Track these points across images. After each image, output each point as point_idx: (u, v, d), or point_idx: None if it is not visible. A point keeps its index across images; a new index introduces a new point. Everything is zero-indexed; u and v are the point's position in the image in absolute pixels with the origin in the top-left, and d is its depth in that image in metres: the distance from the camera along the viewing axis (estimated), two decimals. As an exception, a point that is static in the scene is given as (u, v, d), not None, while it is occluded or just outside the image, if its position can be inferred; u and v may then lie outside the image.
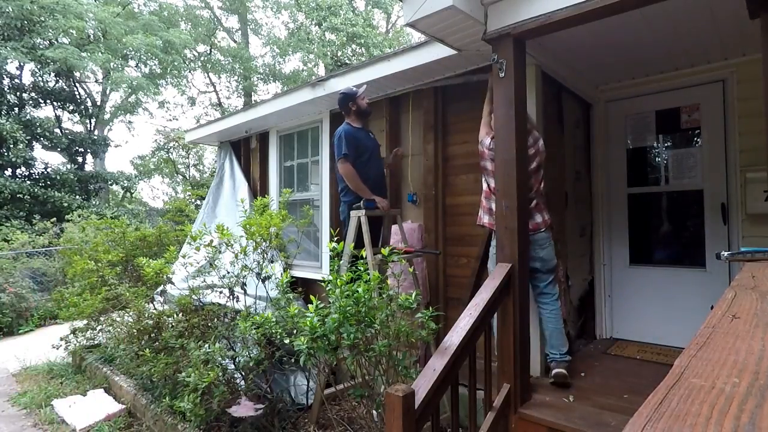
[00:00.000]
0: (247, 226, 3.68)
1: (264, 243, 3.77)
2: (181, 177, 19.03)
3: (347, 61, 18.21)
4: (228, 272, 3.60)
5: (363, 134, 3.54)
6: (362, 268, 2.58)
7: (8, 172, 12.95)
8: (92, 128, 16.33)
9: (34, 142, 13.82)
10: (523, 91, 2.56)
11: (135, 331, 3.95)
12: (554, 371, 2.79)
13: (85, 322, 4.83)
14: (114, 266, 4.71)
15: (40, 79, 14.48)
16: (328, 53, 18.36)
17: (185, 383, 2.98)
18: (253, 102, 17.97)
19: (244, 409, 2.95)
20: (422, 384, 1.82)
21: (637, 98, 3.90)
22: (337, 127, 3.37)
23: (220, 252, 3.70)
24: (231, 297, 3.58)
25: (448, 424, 2.50)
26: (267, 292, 3.71)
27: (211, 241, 3.65)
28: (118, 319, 4.42)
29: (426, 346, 3.27)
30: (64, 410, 4.00)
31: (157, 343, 3.71)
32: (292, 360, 3.07)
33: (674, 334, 3.63)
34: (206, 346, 3.11)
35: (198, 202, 11.52)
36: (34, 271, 8.64)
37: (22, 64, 13.61)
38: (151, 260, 3.72)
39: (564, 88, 3.60)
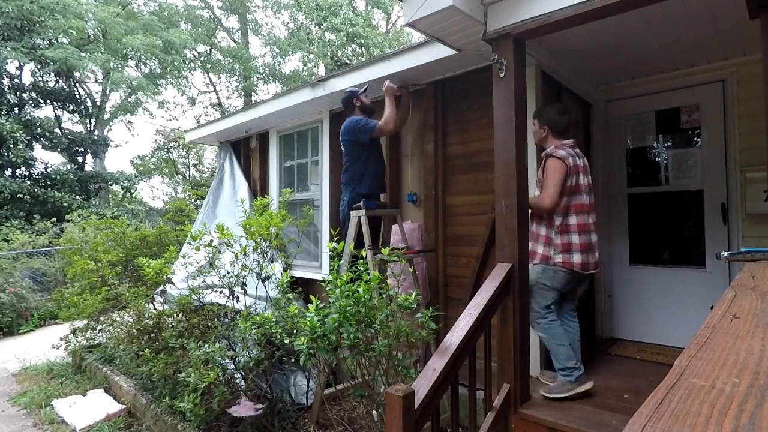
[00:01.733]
0: (247, 226, 3.68)
1: (264, 243, 3.77)
2: (181, 177, 19.03)
3: (347, 61, 18.21)
4: (228, 272, 3.61)
5: None
6: (362, 268, 2.58)
7: (8, 172, 12.95)
8: (92, 128, 16.33)
9: (34, 142, 13.83)
10: (523, 91, 2.56)
11: (135, 331, 3.95)
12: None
13: (85, 322, 4.84)
14: (114, 266, 4.71)
15: (40, 79, 14.48)
16: (328, 53, 18.36)
17: (185, 383, 2.98)
18: (253, 102, 17.97)
19: (244, 409, 2.94)
20: (422, 384, 1.82)
21: (637, 98, 3.90)
22: (336, 128, 3.41)
23: (220, 252, 3.70)
24: (231, 297, 3.58)
25: (448, 424, 2.50)
26: (267, 292, 3.71)
27: (211, 241, 3.65)
28: (118, 319, 4.43)
29: (426, 346, 3.27)
30: (64, 410, 4.00)
31: (157, 343, 3.71)
32: (292, 360, 3.07)
33: (674, 334, 3.63)
34: (206, 346, 3.12)
35: (198, 202, 11.51)
36: (34, 271, 8.65)
37: (22, 64, 13.60)
38: (151, 260, 3.72)
39: (564, 88, 3.59)
